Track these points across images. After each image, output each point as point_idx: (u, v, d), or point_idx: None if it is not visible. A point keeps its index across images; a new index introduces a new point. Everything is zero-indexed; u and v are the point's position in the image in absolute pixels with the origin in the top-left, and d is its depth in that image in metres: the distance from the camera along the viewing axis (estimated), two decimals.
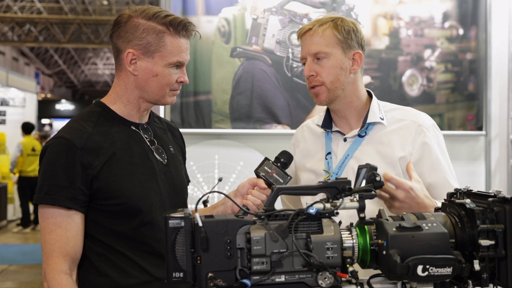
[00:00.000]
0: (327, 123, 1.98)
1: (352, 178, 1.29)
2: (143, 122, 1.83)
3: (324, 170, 1.93)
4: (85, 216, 1.68)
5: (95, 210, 1.68)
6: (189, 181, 1.98)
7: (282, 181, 1.74)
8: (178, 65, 1.75)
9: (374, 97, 1.96)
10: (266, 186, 1.74)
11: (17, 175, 10.34)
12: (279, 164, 1.76)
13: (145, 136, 1.80)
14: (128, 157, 1.72)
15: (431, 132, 1.89)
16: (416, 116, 1.93)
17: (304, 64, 1.93)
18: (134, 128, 1.79)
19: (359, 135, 1.92)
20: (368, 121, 1.90)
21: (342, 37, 1.87)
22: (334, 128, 1.97)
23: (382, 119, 1.91)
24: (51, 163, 1.66)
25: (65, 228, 1.63)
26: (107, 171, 1.67)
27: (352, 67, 1.89)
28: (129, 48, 1.72)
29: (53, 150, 1.67)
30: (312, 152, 2.01)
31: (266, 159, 1.76)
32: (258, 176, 1.76)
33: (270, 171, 1.74)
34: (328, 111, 2.00)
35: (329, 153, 1.95)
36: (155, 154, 1.80)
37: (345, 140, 1.94)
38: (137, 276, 1.70)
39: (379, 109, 1.93)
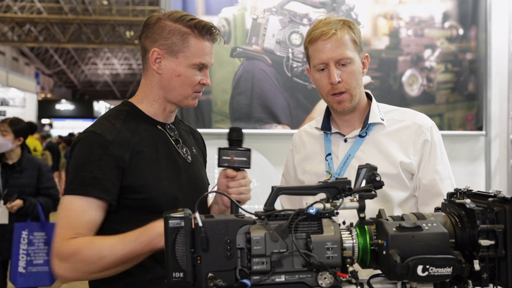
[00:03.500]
0: (326, 125, 1.98)
1: (354, 178, 1.29)
2: (169, 122, 1.87)
3: (326, 170, 1.92)
4: (114, 210, 1.69)
5: (122, 205, 1.70)
6: (209, 183, 1.99)
7: (246, 159, 1.74)
8: (201, 67, 1.79)
9: (373, 98, 1.96)
10: (236, 173, 1.75)
11: None
12: (233, 145, 1.75)
13: (171, 135, 1.85)
14: (154, 154, 1.76)
15: (431, 132, 1.90)
16: (415, 117, 1.93)
17: (322, 70, 1.85)
18: (160, 127, 1.83)
19: (360, 136, 1.92)
20: (370, 121, 1.90)
21: (358, 40, 1.86)
22: (334, 130, 1.97)
23: (382, 119, 1.92)
24: (82, 155, 1.69)
25: (83, 214, 1.63)
26: (135, 166, 1.70)
27: (363, 70, 1.90)
28: (155, 47, 1.78)
29: (85, 143, 1.70)
30: (312, 155, 2.00)
31: (219, 149, 1.75)
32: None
33: (229, 158, 1.74)
34: (327, 113, 2.00)
35: (329, 154, 1.94)
36: (180, 152, 1.84)
37: (345, 141, 1.93)
38: (153, 271, 1.71)
39: (378, 110, 1.94)
